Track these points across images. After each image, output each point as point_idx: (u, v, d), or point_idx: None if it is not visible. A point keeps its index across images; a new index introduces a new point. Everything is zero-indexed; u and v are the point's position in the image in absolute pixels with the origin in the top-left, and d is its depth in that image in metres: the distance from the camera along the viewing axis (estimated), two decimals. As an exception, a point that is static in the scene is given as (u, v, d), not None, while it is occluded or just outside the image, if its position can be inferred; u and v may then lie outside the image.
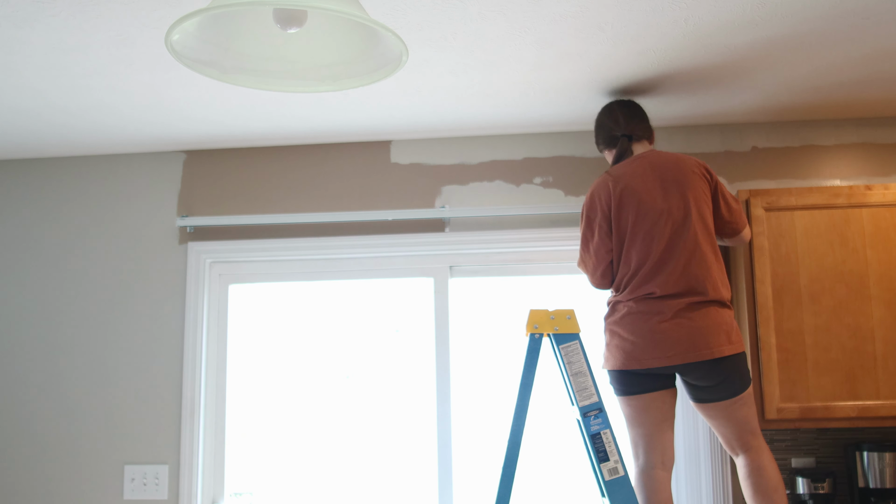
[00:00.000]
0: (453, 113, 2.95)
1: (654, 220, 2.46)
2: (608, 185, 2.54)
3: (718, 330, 2.39)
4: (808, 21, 2.25)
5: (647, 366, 2.41)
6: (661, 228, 2.45)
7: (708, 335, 2.38)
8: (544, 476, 3.11)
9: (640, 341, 2.43)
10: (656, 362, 2.40)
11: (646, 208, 2.48)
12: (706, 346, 2.37)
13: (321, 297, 3.31)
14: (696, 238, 2.45)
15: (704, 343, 2.37)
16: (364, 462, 3.18)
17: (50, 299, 3.28)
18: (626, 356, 2.45)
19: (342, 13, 1.26)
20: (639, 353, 2.43)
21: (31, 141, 3.16)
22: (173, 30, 1.32)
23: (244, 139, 3.21)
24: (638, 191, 2.49)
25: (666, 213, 2.46)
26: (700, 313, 2.41)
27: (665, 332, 2.40)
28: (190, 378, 3.16)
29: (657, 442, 2.49)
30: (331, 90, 1.58)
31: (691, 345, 2.38)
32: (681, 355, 2.38)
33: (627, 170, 2.55)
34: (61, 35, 2.23)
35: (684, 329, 2.39)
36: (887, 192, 2.73)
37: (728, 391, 2.41)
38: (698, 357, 2.37)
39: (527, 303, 3.22)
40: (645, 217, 2.47)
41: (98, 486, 3.15)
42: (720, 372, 2.39)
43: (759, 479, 2.41)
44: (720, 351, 2.37)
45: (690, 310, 2.41)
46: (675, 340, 2.39)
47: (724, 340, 2.39)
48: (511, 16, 2.17)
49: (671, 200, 2.47)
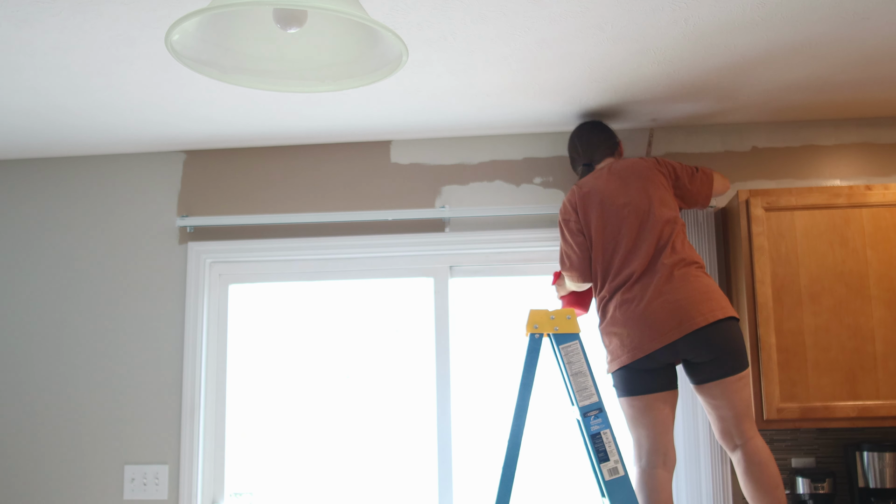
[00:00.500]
0: (453, 113, 2.95)
1: (618, 212, 2.63)
2: (574, 193, 2.76)
3: (704, 298, 2.46)
4: (808, 21, 2.25)
5: (648, 351, 2.45)
6: (627, 218, 2.61)
7: (695, 304, 2.45)
8: (544, 476, 3.11)
9: (635, 330, 2.49)
10: (655, 344, 2.45)
11: (608, 203, 2.66)
12: (697, 313, 2.44)
13: (321, 297, 3.31)
14: (663, 221, 2.59)
15: (695, 311, 2.44)
16: (364, 462, 3.18)
17: (49, 299, 3.28)
18: (630, 349, 2.49)
19: (342, 13, 1.26)
20: (637, 342, 2.48)
21: (31, 141, 3.16)
22: (173, 30, 1.32)
23: (244, 139, 3.21)
24: (600, 190, 2.70)
25: (628, 205, 2.63)
26: (681, 282, 2.49)
27: (652, 312, 2.47)
28: (190, 378, 3.16)
29: (660, 443, 2.50)
30: (331, 90, 1.58)
31: (682, 317, 2.44)
32: (675, 330, 2.43)
33: (590, 179, 2.77)
34: (61, 35, 2.23)
35: (670, 305, 2.46)
36: (887, 192, 2.73)
37: (728, 366, 2.44)
38: (691, 327, 2.42)
39: (527, 303, 3.22)
40: (609, 211, 2.64)
41: (98, 486, 3.15)
42: (717, 342, 2.43)
43: (760, 476, 2.42)
44: (712, 316, 2.43)
45: (670, 281, 2.49)
46: (665, 318, 2.45)
47: (715, 307, 2.45)
48: (511, 16, 2.17)
49: (631, 193, 2.64)
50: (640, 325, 2.48)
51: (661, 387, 2.51)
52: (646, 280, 2.53)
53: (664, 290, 2.48)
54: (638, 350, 2.47)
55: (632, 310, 2.51)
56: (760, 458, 2.44)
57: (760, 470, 2.42)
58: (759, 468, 2.43)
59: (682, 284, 2.49)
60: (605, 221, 2.65)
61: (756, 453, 2.44)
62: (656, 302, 2.48)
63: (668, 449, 2.51)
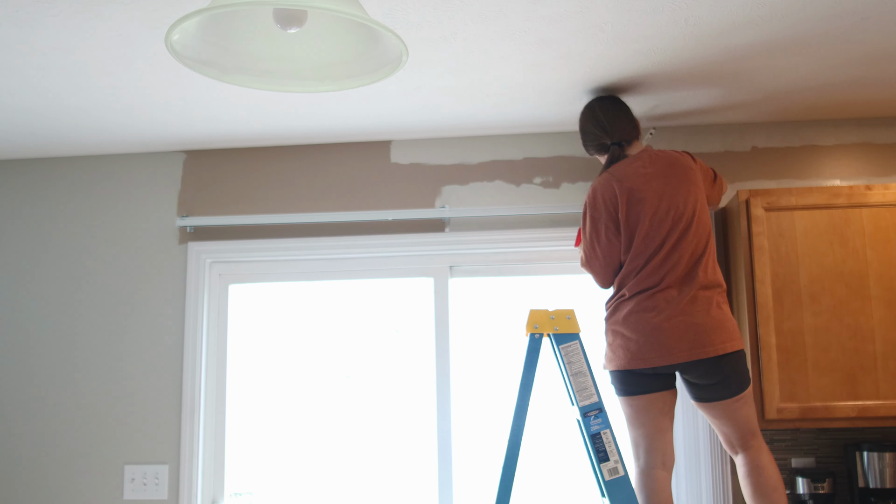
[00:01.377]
0: (453, 113, 2.95)
1: (662, 219, 2.48)
2: (612, 186, 2.55)
3: (719, 327, 2.41)
4: (808, 21, 2.25)
5: (651, 364, 2.42)
6: (668, 226, 2.48)
7: (710, 332, 2.40)
8: (544, 476, 3.11)
9: (644, 340, 2.43)
10: (660, 361, 2.41)
11: (652, 208, 2.50)
12: (709, 342, 2.39)
13: (321, 297, 3.30)
14: (701, 233, 2.49)
15: (707, 340, 2.39)
16: (364, 462, 3.18)
17: (49, 299, 3.28)
18: (631, 356, 2.46)
19: (342, 13, 1.26)
20: (643, 353, 2.43)
21: (30, 141, 3.16)
22: (173, 30, 1.32)
23: (244, 139, 3.21)
24: (643, 190, 2.51)
25: (671, 210, 2.49)
26: (703, 306, 2.42)
27: (668, 330, 2.41)
28: (190, 378, 3.16)
29: (658, 442, 2.50)
30: (331, 90, 1.58)
31: (694, 342, 2.39)
32: (685, 353, 2.39)
33: (629, 170, 2.56)
34: (61, 35, 2.23)
35: (686, 327, 2.40)
36: (887, 192, 2.73)
37: (728, 390, 2.42)
38: (701, 354, 2.38)
39: (527, 303, 3.22)
40: (652, 216, 2.49)
41: (98, 486, 3.15)
42: (720, 370, 2.40)
43: (759, 479, 2.42)
44: (722, 348, 2.39)
45: (694, 303, 2.42)
46: (677, 338, 2.40)
47: (726, 338, 2.40)
48: (511, 16, 2.17)
49: (677, 198, 2.50)
50: (650, 338, 2.43)
51: (660, 387, 2.49)
52: (670, 294, 2.44)
53: (686, 310, 2.42)
54: (640, 360, 2.43)
55: (647, 319, 2.44)
56: (761, 462, 2.43)
57: (759, 473, 2.42)
58: (759, 472, 2.42)
59: (704, 309, 2.42)
60: (646, 225, 2.50)
61: (757, 457, 2.43)
62: (674, 320, 2.41)
63: (667, 449, 2.50)
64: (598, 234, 2.57)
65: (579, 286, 3.19)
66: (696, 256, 2.47)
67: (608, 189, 2.56)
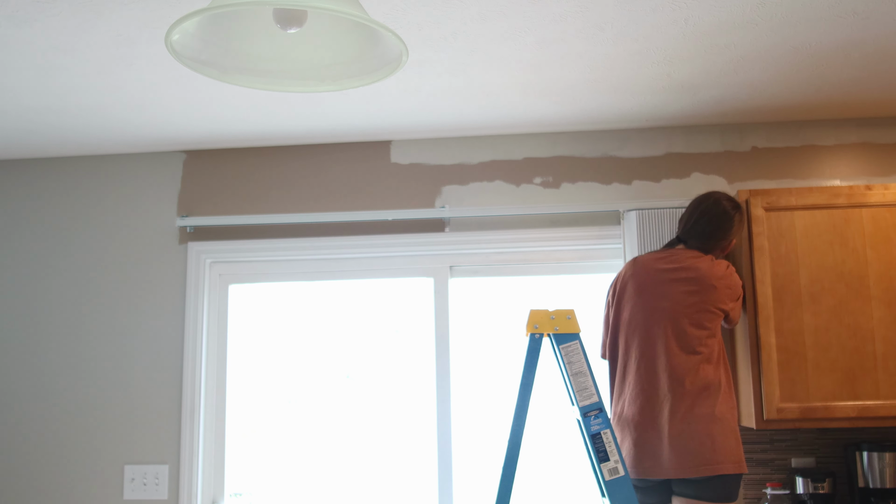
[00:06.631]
0: (453, 113, 2.95)
1: (646, 317, 2.54)
2: (623, 271, 2.67)
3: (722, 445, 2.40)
4: (808, 21, 2.25)
5: (642, 476, 2.46)
6: (652, 327, 2.52)
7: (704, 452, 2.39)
8: (544, 476, 3.11)
9: (638, 451, 2.47)
10: (652, 474, 2.44)
11: (642, 303, 2.55)
12: (704, 462, 2.39)
13: (321, 297, 3.30)
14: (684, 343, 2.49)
15: (703, 459, 2.39)
16: (364, 462, 3.18)
17: (49, 299, 3.28)
18: (630, 465, 2.48)
19: (342, 13, 1.26)
20: (638, 463, 2.47)
21: (30, 141, 3.16)
22: (173, 30, 1.32)
23: (244, 139, 3.21)
24: (641, 283, 2.57)
25: (659, 312, 2.52)
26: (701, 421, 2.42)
27: (657, 446, 2.44)
28: (190, 378, 3.16)
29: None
30: (331, 90, 1.58)
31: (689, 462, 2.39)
32: (677, 470, 2.40)
33: (648, 258, 2.63)
34: (61, 35, 2.23)
35: (680, 442, 2.41)
36: (887, 192, 2.73)
37: (713, 495, 2.41)
38: (695, 473, 2.39)
39: (527, 303, 3.22)
40: (638, 312, 2.55)
41: (98, 486, 3.15)
42: (714, 484, 2.40)
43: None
44: (722, 469, 2.39)
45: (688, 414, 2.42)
46: (675, 453, 2.41)
47: (725, 458, 2.39)
48: (511, 16, 2.17)
49: (672, 300, 2.52)
50: (643, 450, 2.45)
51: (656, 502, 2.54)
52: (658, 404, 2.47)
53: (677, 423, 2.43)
54: (634, 471, 2.47)
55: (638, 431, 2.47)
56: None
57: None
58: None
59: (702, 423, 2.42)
60: (631, 320, 2.57)
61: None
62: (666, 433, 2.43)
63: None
64: (606, 306, 2.71)
65: (579, 286, 3.19)
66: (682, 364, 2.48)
67: (621, 273, 2.68)
